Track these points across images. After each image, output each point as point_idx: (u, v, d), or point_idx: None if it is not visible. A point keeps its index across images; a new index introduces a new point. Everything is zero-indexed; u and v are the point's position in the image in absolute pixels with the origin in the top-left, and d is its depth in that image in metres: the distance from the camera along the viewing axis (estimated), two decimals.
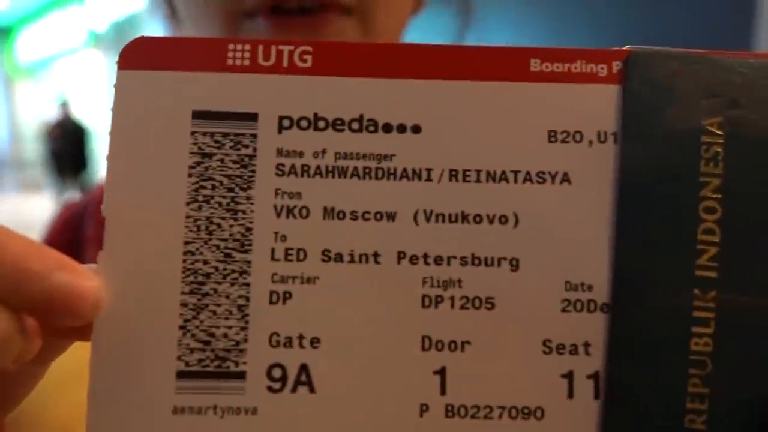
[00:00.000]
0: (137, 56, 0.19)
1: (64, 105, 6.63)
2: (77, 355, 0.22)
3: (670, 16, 3.77)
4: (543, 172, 0.19)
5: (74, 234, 0.44)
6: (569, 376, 0.20)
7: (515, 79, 0.20)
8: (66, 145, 6.45)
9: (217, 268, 0.19)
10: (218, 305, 0.19)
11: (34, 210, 7.14)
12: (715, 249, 0.20)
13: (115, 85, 0.19)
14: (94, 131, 6.88)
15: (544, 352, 0.19)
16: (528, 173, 0.19)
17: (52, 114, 12.87)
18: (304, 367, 0.20)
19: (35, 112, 13.58)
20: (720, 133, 0.19)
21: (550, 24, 4.53)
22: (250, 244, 0.19)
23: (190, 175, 0.19)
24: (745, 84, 0.19)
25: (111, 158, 0.19)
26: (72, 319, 0.17)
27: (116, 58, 0.19)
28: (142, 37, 0.19)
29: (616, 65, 0.20)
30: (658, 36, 3.66)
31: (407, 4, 0.39)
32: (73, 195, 6.35)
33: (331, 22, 0.30)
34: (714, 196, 0.19)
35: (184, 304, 0.19)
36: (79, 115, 6.77)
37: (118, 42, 9.76)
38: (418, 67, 0.19)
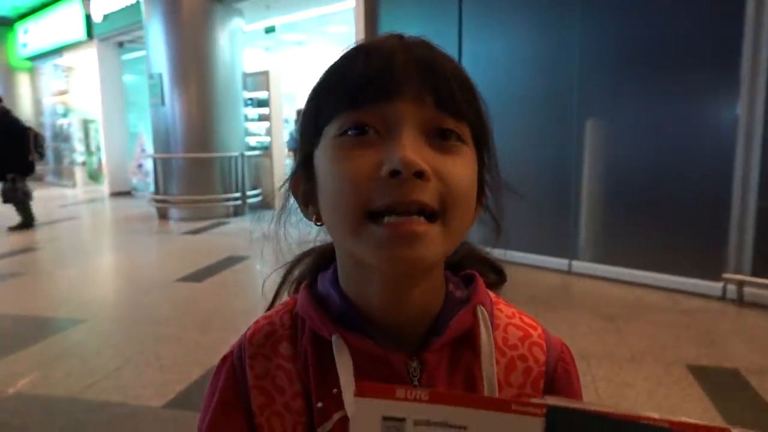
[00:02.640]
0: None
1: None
2: None
3: (662, 23, 3.83)
4: None
5: (240, 385, 0.49)
6: None
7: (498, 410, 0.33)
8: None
9: None
10: None
11: None
12: None
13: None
14: (29, 129, 6.75)
15: None
16: None
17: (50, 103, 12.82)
18: None
19: (34, 103, 13.66)
20: None
21: (545, 28, 4.60)
22: None
23: None
24: None
25: None
26: None
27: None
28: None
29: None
30: (652, 40, 3.72)
31: (471, 215, 0.49)
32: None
33: (419, 225, 0.42)
34: None
35: None
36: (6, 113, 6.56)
37: (113, 33, 9.80)
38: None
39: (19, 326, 3.59)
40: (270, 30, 8.73)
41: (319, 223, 0.50)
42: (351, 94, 0.44)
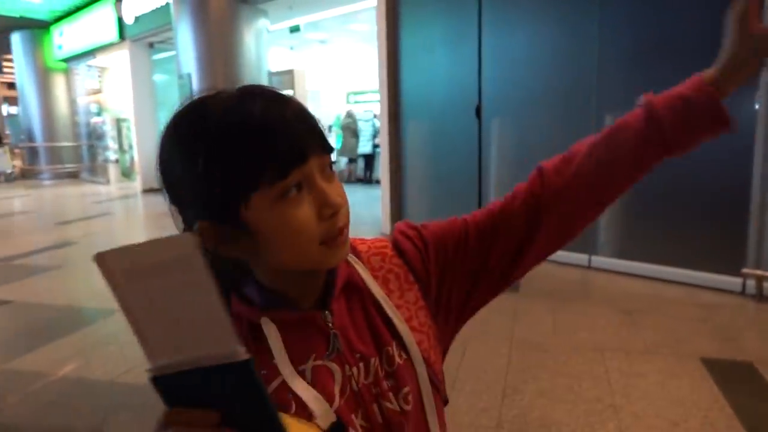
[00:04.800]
0: None
1: None
2: None
3: (681, 16, 3.84)
4: None
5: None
6: None
7: None
8: None
9: None
10: None
11: None
12: None
13: None
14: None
15: None
16: None
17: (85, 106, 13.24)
18: None
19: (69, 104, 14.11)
20: None
21: (564, 23, 4.63)
22: None
23: None
24: None
25: None
26: None
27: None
28: None
29: None
30: (671, 33, 3.74)
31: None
32: None
33: (345, 237, 0.61)
34: None
35: None
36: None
37: (144, 34, 10.09)
38: None
39: (61, 315, 3.81)
40: (294, 29, 8.90)
41: (235, 258, 0.62)
42: (281, 169, 0.56)
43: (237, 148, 0.55)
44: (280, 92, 0.61)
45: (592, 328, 3.09)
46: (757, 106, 3.45)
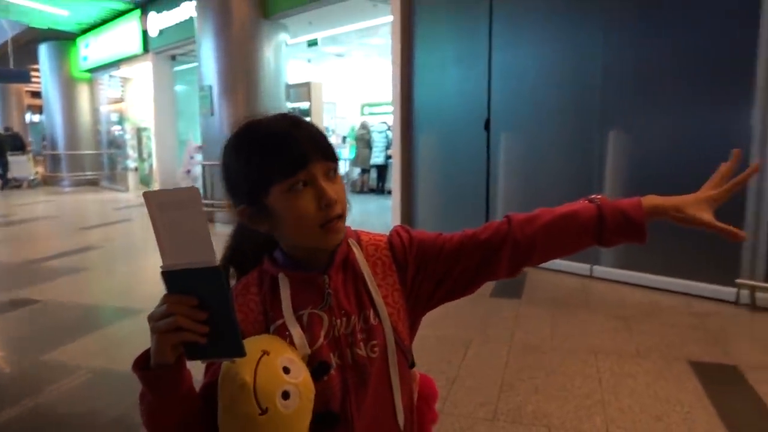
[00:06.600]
0: None
1: None
2: None
3: (680, 39, 4.02)
4: None
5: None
6: None
7: None
8: None
9: None
10: None
11: None
12: None
13: None
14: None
15: None
16: None
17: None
18: None
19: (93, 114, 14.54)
20: None
21: (570, 44, 4.82)
22: None
23: None
24: None
25: None
26: None
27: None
28: None
29: None
30: (670, 55, 3.94)
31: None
32: None
33: (339, 223, 0.82)
34: None
35: None
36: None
37: (167, 47, 10.45)
38: None
39: (86, 314, 4.06)
40: (312, 43, 9.17)
41: (265, 232, 0.86)
42: (290, 169, 0.79)
43: (261, 154, 0.80)
44: (301, 117, 0.85)
45: (588, 333, 3.25)
46: (752, 123, 3.61)
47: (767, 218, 3.57)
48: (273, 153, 0.79)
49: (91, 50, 13.07)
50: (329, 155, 0.83)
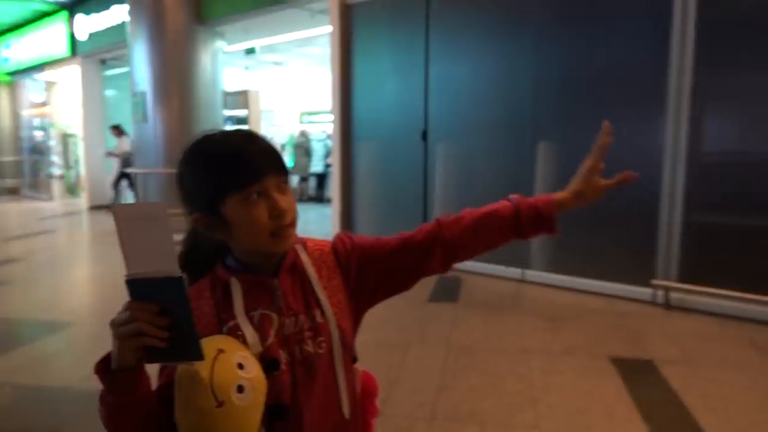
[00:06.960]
0: None
1: None
2: None
3: (601, 55, 4.32)
4: None
5: None
6: None
7: None
8: None
9: None
10: None
11: None
12: None
13: None
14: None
15: None
16: None
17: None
18: None
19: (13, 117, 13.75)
20: None
21: (503, 58, 5.06)
22: None
23: None
24: None
25: None
26: None
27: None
28: None
29: None
30: (593, 70, 4.20)
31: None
32: None
33: (291, 230, 0.90)
34: None
35: None
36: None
37: (97, 51, 10.07)
38: None
39: (12, 329, 3.86)
40: (250, 51, 9.11)
41: (219, 239, 0.92)
42: (245, 182, 0.85)
43: (218, 166, 0.86)
44: (255, 133, 0.92)
45: (519, 334, 3.43)
46: (666, 134, 3.92)
47: (679, 223, 3.88)
48: (229, 166, 0.85)
49: (13, 51, 12.39)
50: (281, 169, 0.89)
